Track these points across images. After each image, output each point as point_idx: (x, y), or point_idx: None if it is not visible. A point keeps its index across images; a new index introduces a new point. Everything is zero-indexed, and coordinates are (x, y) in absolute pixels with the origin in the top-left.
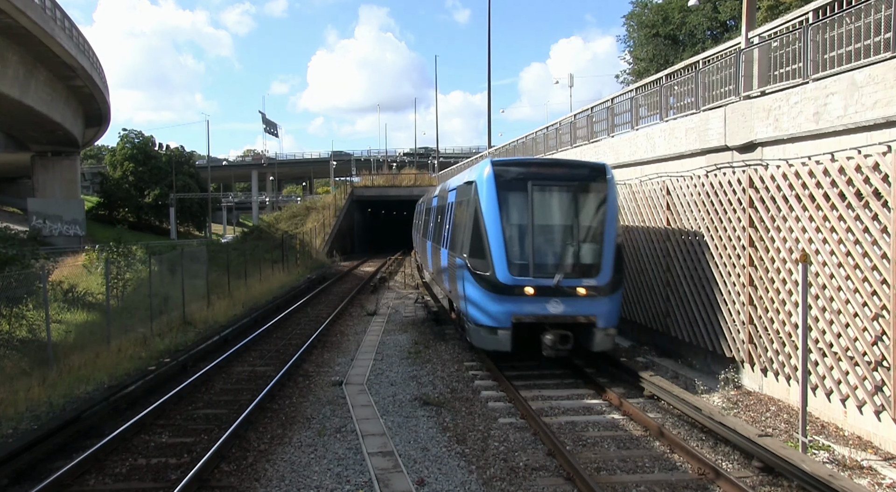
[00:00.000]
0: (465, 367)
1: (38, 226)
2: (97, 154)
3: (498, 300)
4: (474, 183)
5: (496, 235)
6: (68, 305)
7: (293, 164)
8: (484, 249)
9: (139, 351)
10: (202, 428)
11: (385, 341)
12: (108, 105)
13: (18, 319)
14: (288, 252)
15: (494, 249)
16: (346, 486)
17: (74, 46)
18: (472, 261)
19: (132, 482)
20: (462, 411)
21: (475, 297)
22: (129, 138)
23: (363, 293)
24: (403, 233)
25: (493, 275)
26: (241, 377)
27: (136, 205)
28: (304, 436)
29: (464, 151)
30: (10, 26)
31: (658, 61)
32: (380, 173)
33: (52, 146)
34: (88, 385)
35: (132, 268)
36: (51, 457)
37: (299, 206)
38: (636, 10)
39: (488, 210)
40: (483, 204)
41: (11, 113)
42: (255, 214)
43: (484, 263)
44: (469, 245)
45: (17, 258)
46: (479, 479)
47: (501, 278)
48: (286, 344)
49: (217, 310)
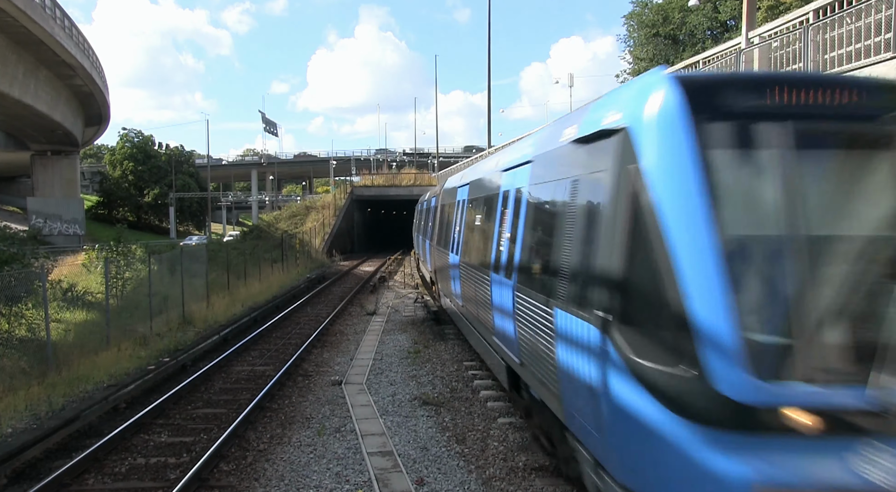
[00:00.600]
0: (465, 367)
1: (38, 225)
2: (97, 153)
3: (717, 452)
4: (621, 135)
5: (708, 270)
6: (68, 305)
7: (293, 163)
8: (667, 307)
9: (138, 350)
10: (201, 427)
11: (384, 341)
12: (107, 104)
13: (18, 319)
14: (287, 252)
15: (706, 304)
16: (345, 485)
17: (74, 46)
18: (626, 335)
19: (131, 482)
20: (461, 410)
21: (638, 431)
22: (129, 138)
23: (363, 293)
24: (403, 232)
25: (708, 380)
26: (241, 377)
27: (136, 204)
28: (304, 435)
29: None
30: (11, 25)
31: (658, 61)
32: (380, 173)
33: (52, 145)
34: (88, 384)
35: (132, 267)
36: (50, 456)
37: (299, 205)
38: (636, 10)
39: (681, 202)
40: (663, 188)
41: (11, 112)
42: (254, 214)
43: (672, 343)
44: (617, 293)
45: (18, 257)
46: (479, 478)
47: (734, 390)
48: (286, 343)
49: (216, 309)
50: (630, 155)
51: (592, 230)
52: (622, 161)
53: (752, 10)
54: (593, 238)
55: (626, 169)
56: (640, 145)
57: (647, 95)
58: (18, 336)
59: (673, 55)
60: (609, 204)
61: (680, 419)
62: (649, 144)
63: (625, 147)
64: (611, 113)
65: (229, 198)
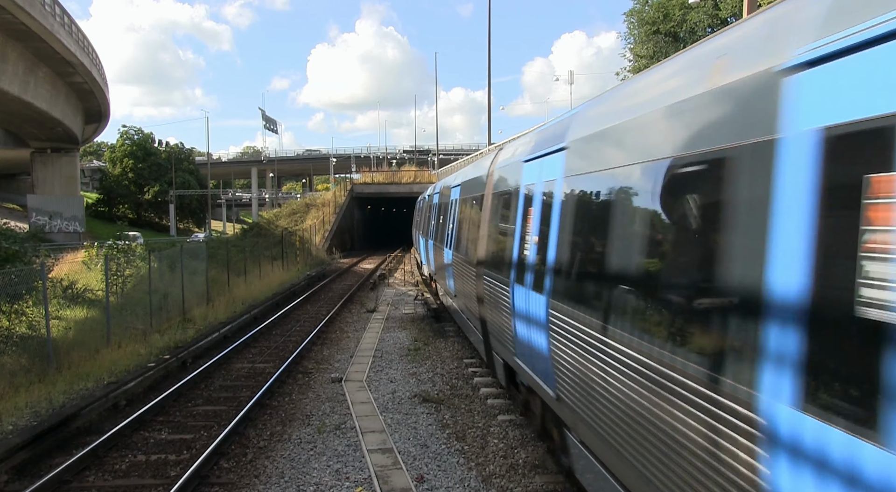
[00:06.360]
0: (465, 364)
1: (39, 222)
2: (97, 151)
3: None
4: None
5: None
6: (68, 302)
7: (293, 160)
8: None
9: (139, 348)
10: (202, 425)
11: (384, 338)
12: (107, 102)
13: (18, 316)
14: (287, 249)
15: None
16: (345, 483)
17: (74, 43)
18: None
19: (132, 479)
20: (462, 407)
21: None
22: (129, 135)
23: (363, 290)
24: (403, 230)
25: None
26: (241, 374)
27: (136, 201)
28: (304, 433)
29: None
30: (10, 23)
31: (658, 59)
32: (380, 170)
33: (52, 143)
34: (88, 382)
35: (132, 264)
36: (51, 453)
37: (299, 203)
38: (636, 7)
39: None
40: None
41: (11, 110)
42: (254, 211)
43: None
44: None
45: (20, 255)
46: (479, 476)
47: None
48: (286, 341)
49: (217, 307)
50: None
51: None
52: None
53: (752, 8)
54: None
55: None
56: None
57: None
58: (19, 334)
59: (673, 53)
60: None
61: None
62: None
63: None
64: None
65: (229, 195)
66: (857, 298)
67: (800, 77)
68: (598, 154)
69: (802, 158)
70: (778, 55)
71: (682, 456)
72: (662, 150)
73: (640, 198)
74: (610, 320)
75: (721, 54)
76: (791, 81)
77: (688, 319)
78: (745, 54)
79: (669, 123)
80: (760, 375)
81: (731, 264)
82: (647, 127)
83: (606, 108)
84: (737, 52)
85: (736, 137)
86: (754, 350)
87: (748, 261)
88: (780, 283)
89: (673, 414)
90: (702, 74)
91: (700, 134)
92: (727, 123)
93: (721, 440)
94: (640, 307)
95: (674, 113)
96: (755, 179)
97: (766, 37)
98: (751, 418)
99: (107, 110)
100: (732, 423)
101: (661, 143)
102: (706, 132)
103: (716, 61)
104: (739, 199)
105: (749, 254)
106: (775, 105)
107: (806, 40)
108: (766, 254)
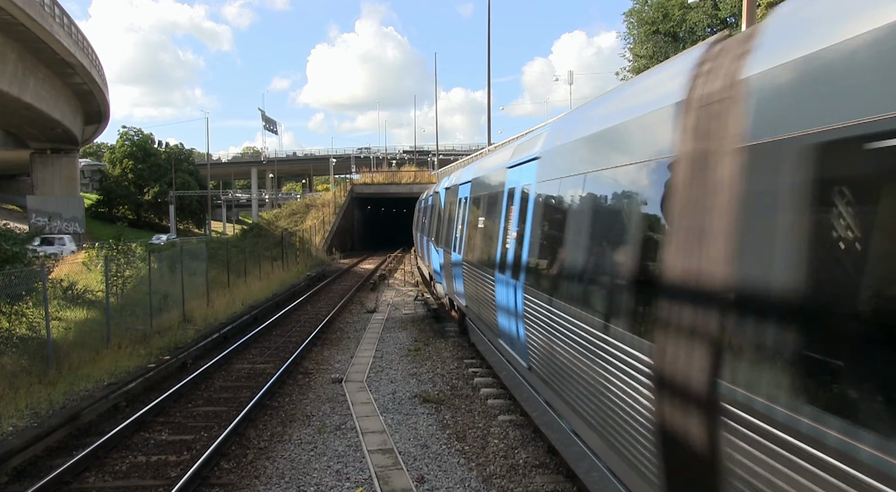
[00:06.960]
0: (465, 364)
1: (38, 223)
2: (96, 151)
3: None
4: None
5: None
6: (68, 303)
7: (293, 161)
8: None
9: (139, 348)
10: (202, 426)
11: (385, 339)
12: (107, 102)
13: (18, 317)
14: (287, 250)
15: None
16: (345, 483)
17: (73, 43)
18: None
19: (132, 480)
20: (462, 408)
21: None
22: (129, 136)
23: (363, 291)
24: (403, 230)
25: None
26: (241, 375)
27: (136, 202)
28: (304, 433)
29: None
30: (9, 23)
31: (658, 59)
32: (379, 171)
33: (52, 144)
34: (88, 383)
35: (132, 265)
36: (51, 454)
37: (299, 203)
38: (636, 7)
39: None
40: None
41: (10, 110)
42: (254, 212)
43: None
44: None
45: (20, 256)
46: (479, 476)
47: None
48: (286, 341)
49: (217, 307)
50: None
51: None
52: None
53: (752, 7)
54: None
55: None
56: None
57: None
58: (19, 335)
59: (673, 53)
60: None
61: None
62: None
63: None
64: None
65: (229, 196)
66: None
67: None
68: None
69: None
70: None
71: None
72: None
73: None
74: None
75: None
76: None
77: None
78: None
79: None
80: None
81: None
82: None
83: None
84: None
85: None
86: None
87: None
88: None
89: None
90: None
91: (607, 156)
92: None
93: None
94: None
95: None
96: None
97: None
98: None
99: (106, 111)
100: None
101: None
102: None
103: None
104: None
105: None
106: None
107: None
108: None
